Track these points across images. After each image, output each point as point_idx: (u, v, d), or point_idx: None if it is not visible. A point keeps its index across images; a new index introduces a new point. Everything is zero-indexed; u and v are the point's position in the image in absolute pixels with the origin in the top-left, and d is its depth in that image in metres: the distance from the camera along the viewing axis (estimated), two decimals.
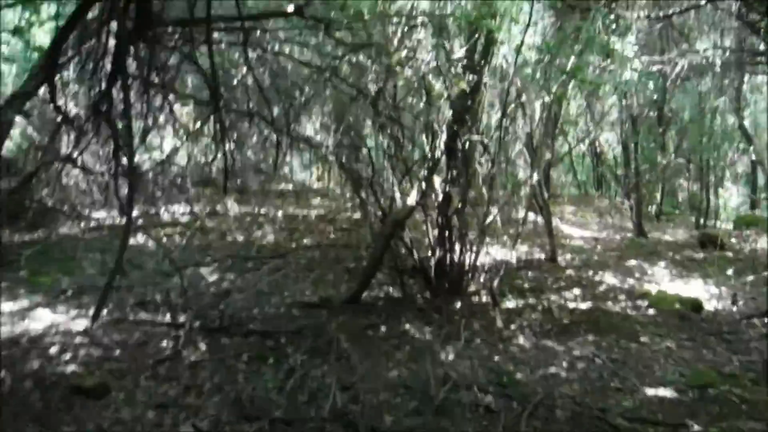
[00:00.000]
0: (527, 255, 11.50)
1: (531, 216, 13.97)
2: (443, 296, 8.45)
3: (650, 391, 5.69)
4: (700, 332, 7.33)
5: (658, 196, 18.67)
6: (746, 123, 18.01)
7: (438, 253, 8.61)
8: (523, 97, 9.40)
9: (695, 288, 9.57)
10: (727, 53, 13.11)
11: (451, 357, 6.46)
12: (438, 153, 8.30)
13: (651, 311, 8.29)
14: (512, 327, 7.46)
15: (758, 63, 11.55)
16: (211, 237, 11.34)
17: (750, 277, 9.85)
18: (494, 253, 10.17)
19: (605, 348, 6.76)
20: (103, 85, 5.51)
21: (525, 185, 10.10)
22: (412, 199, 8.23)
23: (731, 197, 20.32)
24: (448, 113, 8.25)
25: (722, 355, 6.66)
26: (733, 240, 12.82)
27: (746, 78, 16.47)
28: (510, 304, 8.52)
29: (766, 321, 7.80)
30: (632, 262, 11.07)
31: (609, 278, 10.05)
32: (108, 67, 5.43)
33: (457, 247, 8.62)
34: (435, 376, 5.88)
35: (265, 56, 7.91)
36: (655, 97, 14.91)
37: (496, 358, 6.48)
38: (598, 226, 15.75)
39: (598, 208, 17.81)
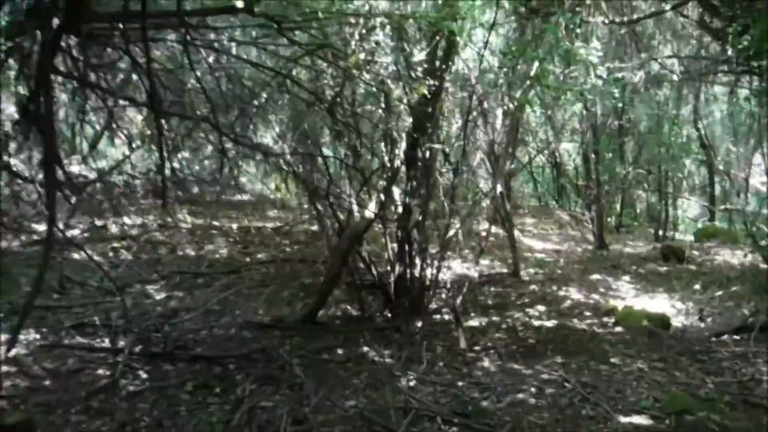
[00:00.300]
0: (489, 269, 11.09)
1: (492, 229, 13.67)
2: (404, 315, 7.96)
3: (624, 419, 5.22)
4: (671, 351, 6.90)
5: (618, 207, 18.44)
6: (704, 133, 17.89)
7: (398, 268, 8.12)
8: (485, 104, 8.99)
9: (661, 303, 9.21)
10: (686, 62, 12.88)
11: (412, 383, 5.95)
12: (397, 162, 7.81)
13: (618, 329, 7.89)
14: (476, 348, 6.98)
15: (719, 72, 11.20)
16: (161, 251, 10.70)
17: (718, 292, 9.51)
18: (456, 267, 9.74)
19: (574, 370, 6.30)
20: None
21: (487, 197, 9.69)
22: (370, 211, 7.72)
23: (689, 208, 20.20)
24: (408, 120, 7.77)
25: (695, 376, 6.23)
26: (695, 252, 12.53)
27: (704, 88, 16.28)
28: (473, 322, 8.06)
29: (736, 338, 7.46)
30: (596, 276, 10.70)
31: (573, 293, 9.65)
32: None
33: (418, 262, 8.15)
34: (395, 405, 5.38)
35: (218, 58, 7.40)
36: (617, 105, 14.63)
37: (461, 383, 5.97)
38: (559, 238, 15.41)
39: (559, 219, 17.49)
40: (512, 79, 7.76)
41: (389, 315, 8.09)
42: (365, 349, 6.88)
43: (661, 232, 16.84)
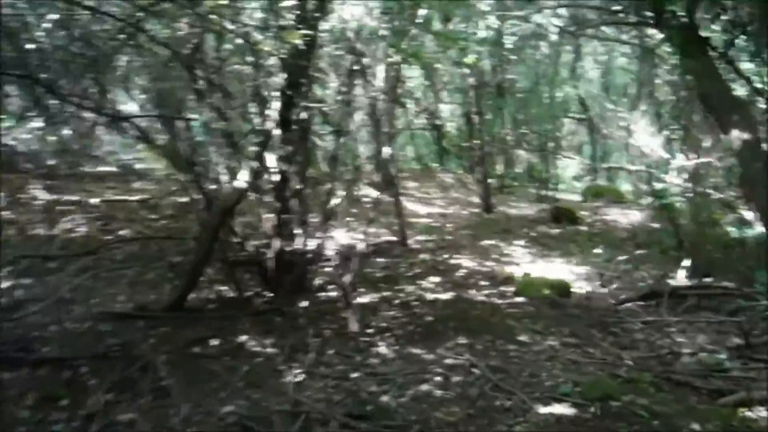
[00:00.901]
0: (376, 238, 10.31)
1: (376, 194, 12.88)
2: (286, 295, 7.09)
3: (544, 410, 4.52)
4: (581, 324, 6.33)
5: (500, 168, 18.05)
6: (582, 92, 17.71)
7: (276, 243, 7.21)
8: (366, 59, 8.15)
9: (559, 269, 8.71)
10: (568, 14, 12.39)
11: (300, 378, 5.09)
12: (270, 125, 6.86)
13: (519, 299, 7.28)
14: (369, 331, 6.16)
15: (606, 23, 10.68)
16: (9, 232, 9.35)
17: (621, 257, 9.07)
18: (341, 238, 8.93)
19: (481, 352, 5.58)
20: None
21: (372, 160, 8.87)
22: (241, 180, 6.75)
23: (569, 167, 20.07)
24: (281, 77, 6.83)
25: (611, 352, 5.62)
26: (585, 213, 12.18)
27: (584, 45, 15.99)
28: (363, 299, 7.27)
29: (643, 305, 6.98)
30: (487, 242, 10.13)
31: (466, 261, 9.02)
32: None
33: (299, 234, 7.29)
34: (282, 408, 4.52)
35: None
36: (498, 64, 14.14)
37: (355, 375, 5.15)
38: (444, 202, 14.83)
39: (442, 182, 16.91)
40: (397, 28, 6.90)
41: (270, 296, 7.21)
42: (243, 338, 5.96)
43: (543, 192, 16.58)
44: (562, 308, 6.89)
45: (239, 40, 6.49)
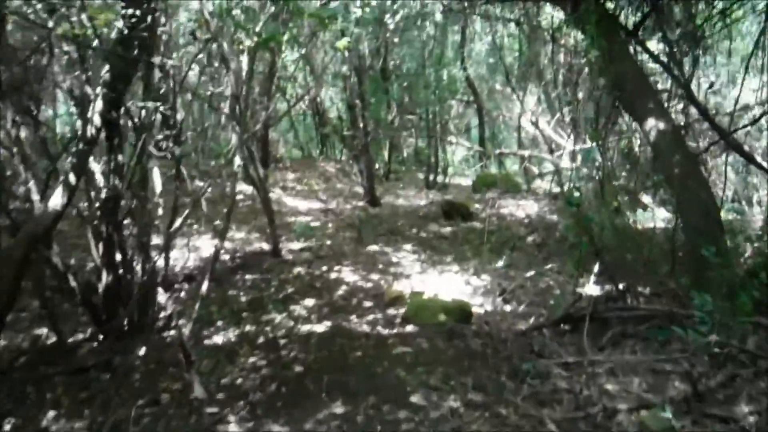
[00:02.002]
0: (245, 245, 8.83)
1: (248, 190, 11.39)
2: (120, 338, 5.55)
3: None
4: (487, 369, 5.01)
5: (386, 153, 16.74)
6: (470, 73, 16.57)
7: (107, 275, 5.64)
8: (222, 45, 6.63)
9: (454, 280, 7.43)
10: None
11: None
12: (92, 129, 5.25)
13: (410, 328, 5.94)
14: (220, 396, 4.69)
15: (487, 2, 9.43)
16: None
17: (522, 260, 7.87)
18: (205, 247, 7.53)
19: (363, 424, 4.21)
20: None
21: (233, 156, 7.37)
22: (57, 200, 5.13)
23: (458, 150, 18.98)
24: (104, 69, 5.24)
25: (528, 413, 4.30)
26: (478, 206, 10.93)
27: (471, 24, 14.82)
28: (218, 338, 5.81)
29: (561, 330, 5.77)
30: (373, 248, 8.75)
31: (348, 274, 7.63)
32: None
33: (136, 260, 5.75)
34: None
35: None
36: (381, 46, 12.79)
37: None
38: (327, 195, 13.39)
39: (324, 172, 15.45)
40: (249, 7, 5.36)
41: (101, 339, 5.65)
42: (50, 415, 4.41)
43: (431, 177, 15.42)
44: (462, 340, 5.59)
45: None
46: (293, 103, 16.50)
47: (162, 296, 5.68)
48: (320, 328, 6.02)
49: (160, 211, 6.05)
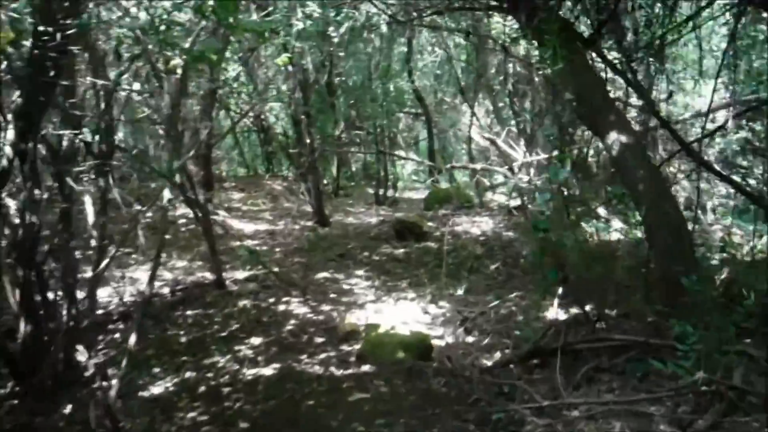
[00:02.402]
0: (187, 275, 8.22)
1: (190, 213, 10.78)
2: (43, 393, 4.92)
3: None
4: (453, 418, 4.47)
5: (334, 169, 16.21)
6: (418, 85, 16.12)
7: (25, 324, 5.00)
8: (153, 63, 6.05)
9: (411, 309, 6.92)
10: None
11: None
12: (4, 161, 4.64)
13: (366, 368, 5.42)
14: None
15: (448, 10, 8.89)
16: None
17: (481, 282, 7.40)
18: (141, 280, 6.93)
19: None
20: None
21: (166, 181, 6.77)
22: None
23: (407, 164, 18.52)
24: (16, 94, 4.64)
25: None
26: (432, 224, 10.43)
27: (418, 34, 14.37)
28: (156, 388, 5.22)
29: (530, 366, 5.29)
30: (323, 274, 8.19)
31: (298, 306, 7.07)
32: None
33: (60, 304, 5.14)
34: None
35: None
36: (325, 59, 12.29)
37: None
38: (273, 215, 12.80)
39: (271, 191, 14.83)
40: (167, 21, 4.74)
41: (23, 395, 5.01)
42: None
43: (381, 192, 14.93)
44: (423, 380, 5.08)
45: None
46: (236, 120, 15.91)
47: (82, 354, 5.04)
48: (268, 371, 5.47)
49: (94, 243, 5.44)
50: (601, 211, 10.00)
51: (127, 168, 13.46)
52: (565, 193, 6.68)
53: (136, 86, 7.12)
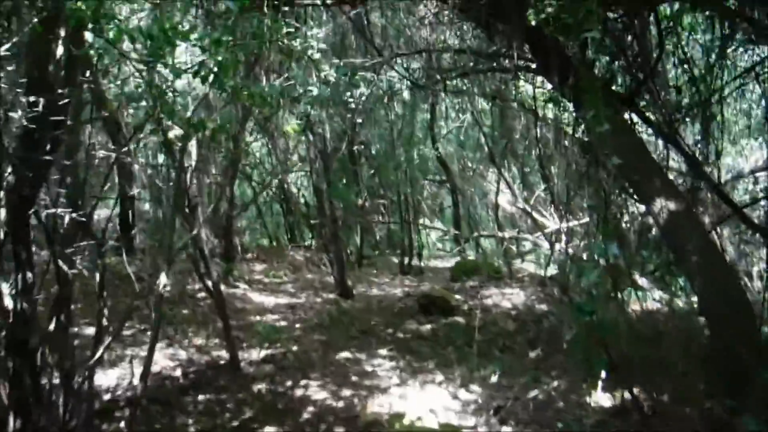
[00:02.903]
0: (201, 356, 7.71)
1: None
2: None
3: None
4: None
5: (357, 239, 15.76)
6: (441, 152, 15.76)
7: (14, 419, 4.51)
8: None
9: (440, 396, 6.31)
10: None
11: None
12: None
13: None
14: None
15: (461, 75, 8.51)
16: None
17: (515, 364, 6.81)
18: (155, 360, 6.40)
19: None
20: None
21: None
22: None
23: (432, 231, 18.03)
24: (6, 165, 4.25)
25: None
26: (459, 298, 9.84)
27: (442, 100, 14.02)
28: None
29: None
30: (344, 355, 7.62)
31: (316, 390, 6.51)
32: None
33: (57, 394, 4.66)
34: None
35: None
36: (348, 127, 11.97)
37: None
38: (295, 287, 12.32)
39: (293, 261, 14.39)
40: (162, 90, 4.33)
41: None
42: None
43: (406, 261, 14.45)
44: None
45: None
46: (259, 190, 15.61)
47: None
48: None
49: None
50: (641, 280, 9.43)
51: (145, 240, 13.15)
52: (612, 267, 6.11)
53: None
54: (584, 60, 5.75)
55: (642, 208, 6.23)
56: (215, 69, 3.62)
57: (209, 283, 7.13)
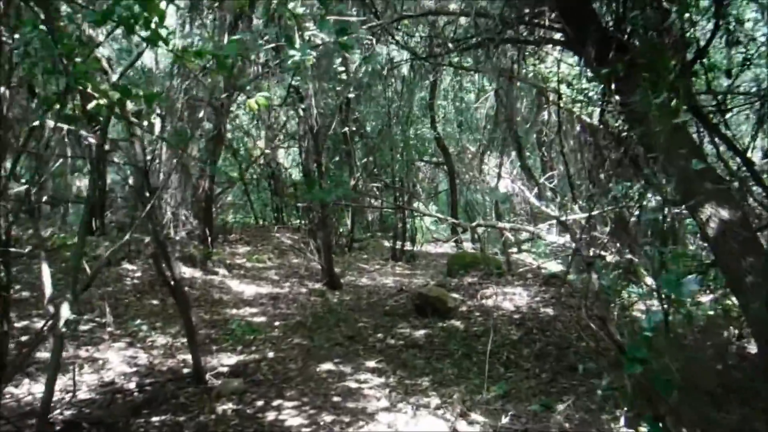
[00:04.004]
0: (164, 359, 6.64)
1: (186, 272, 9.31)
2: None
3: None
4: None
5: (348, 221, 14.65)
6: (440, 132, 14.59)
7: None
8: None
9: (434, 425, 5.19)
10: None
11: None
12: None
13: None
14: None
15: (465, 48, 7.28)
16: None
17: (521, 382, 5.71)
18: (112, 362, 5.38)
19: None
20: None
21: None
22: None
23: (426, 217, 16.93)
24: None
25: None
26: (456, 296, 8.69)
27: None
28: None
29: None
30: (327, 366, 6.47)
31: (291, 415, 5.35)
32: None
33: None
34: None
35: None
36: (341, 103, 10.84)
37: None
38: (279, 274, 11.23)
39: (279, 245, 13.26)
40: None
41: None
42: None
43: (398, 244, 13.40)
44: None
45: None
46: (245, 166, 14.46)
47: None
48: None
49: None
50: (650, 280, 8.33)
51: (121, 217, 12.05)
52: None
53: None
54: (623, 34, 4.62)
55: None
56: (141, 12, 2.47)
57: (171, 283, 5.98)
